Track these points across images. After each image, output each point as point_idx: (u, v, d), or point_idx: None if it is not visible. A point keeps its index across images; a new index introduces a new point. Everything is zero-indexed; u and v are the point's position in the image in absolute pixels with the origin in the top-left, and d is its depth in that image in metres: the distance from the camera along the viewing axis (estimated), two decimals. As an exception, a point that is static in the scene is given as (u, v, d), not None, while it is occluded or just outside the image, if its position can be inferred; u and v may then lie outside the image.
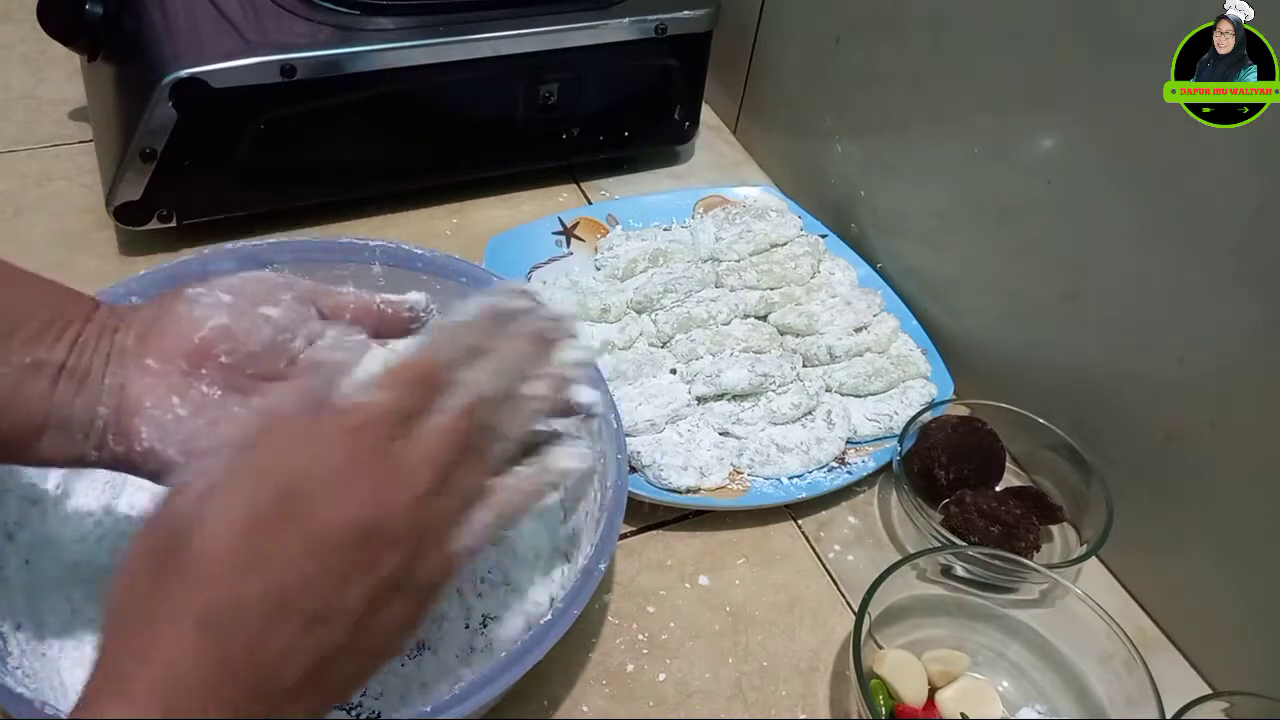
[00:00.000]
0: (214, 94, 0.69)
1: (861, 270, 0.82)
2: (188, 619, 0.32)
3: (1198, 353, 0.58)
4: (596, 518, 0.54)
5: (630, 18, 0.83)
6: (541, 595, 0.57)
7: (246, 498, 0.34)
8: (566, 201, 0.89)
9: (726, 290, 0.77)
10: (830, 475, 0.68)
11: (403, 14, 0.77)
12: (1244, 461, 0.56)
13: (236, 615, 0.32)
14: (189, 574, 0.33)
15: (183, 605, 0.32)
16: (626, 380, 0.69)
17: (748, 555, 0.65)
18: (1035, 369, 0.69)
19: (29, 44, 0.95)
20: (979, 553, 0.59)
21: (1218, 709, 0.56)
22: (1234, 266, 0.55)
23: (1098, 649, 0.56)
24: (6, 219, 0.79)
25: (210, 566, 0.33)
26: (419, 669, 0.53)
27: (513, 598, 0.57)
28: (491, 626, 0.55)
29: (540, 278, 0.78)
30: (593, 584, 0.49)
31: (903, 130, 0.78)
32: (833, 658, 0.60)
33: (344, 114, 0.76)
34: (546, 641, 0.47)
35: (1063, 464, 0.66)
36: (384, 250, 0.63)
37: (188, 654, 0.31)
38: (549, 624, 0.47)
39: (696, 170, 0.96)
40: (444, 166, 0.85)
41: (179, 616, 0.32)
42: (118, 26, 0.74)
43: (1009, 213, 0.69)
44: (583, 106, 0.85)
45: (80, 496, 0.57)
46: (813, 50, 0.86)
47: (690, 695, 0.57)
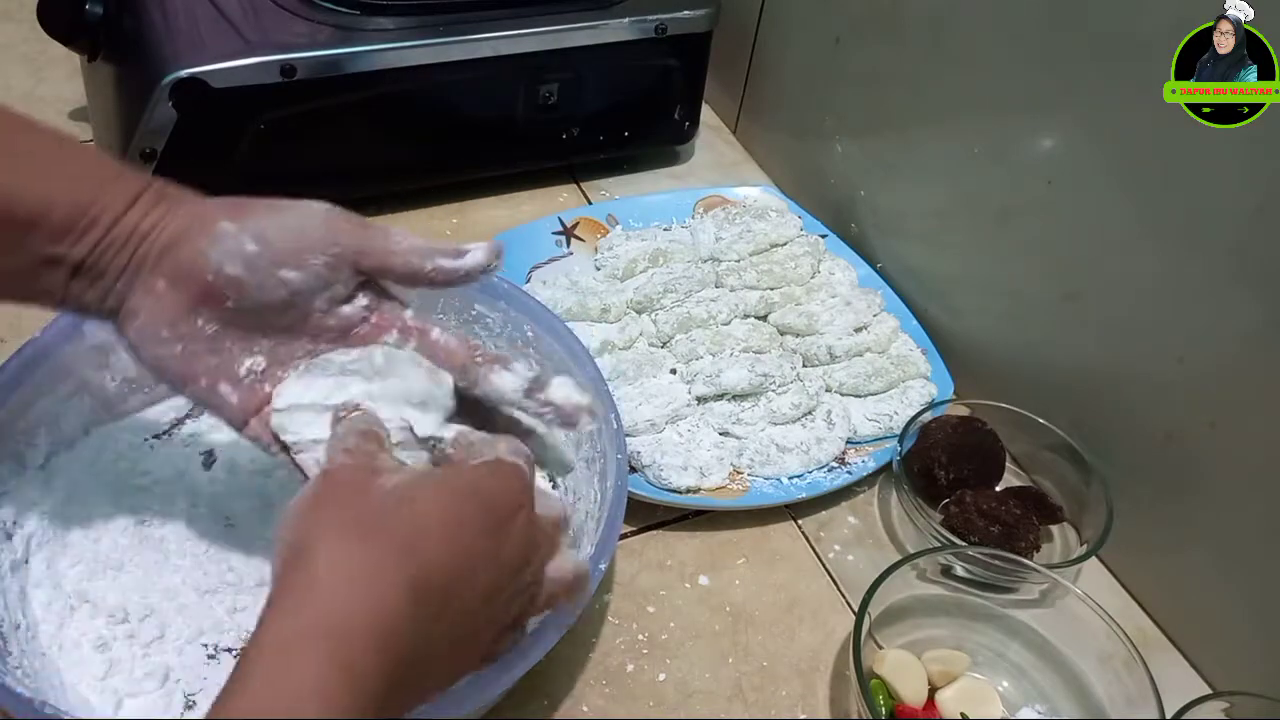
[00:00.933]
0: (214, 94, 0.69)
1: (861, 270, 0.82)
2: (403, 584, 0.35)
3: (1198, 353, 0.58)
4: (597, 517, 0.54)
5: (630, 18, 0.83)
6: None
7: (451, 498, 0.39)
8: (566, 201, 0.89)
9: (726, 290, 0.77)
10: (830, 475, 0.68)
11: (403, 14, 0.77)
12: (1244, 461, 0.56)
13: (440, 591, 0.36)
14: (402, 543, 0.36)
15: (397, 570, 0.35)
16: (626, 380, 0.69)
17: (748, 555, 0.65)
18: (1035, 369, 0.69)
19: (29, 44, 0.95)
20: (979, 553, 0.59)
21: (1218, 709, 0.56)
22: (1234, 266, 0.55)
23: (1098, 649, 0.56)
24: (6, 219, 0.79)
25: (427, 543, 0.37)
26: None
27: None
28: None
29: (540, 278, 0.78)
30: (593, 584, 0.49)
31: (903, 130, 0.78)
32: (833, 658, 0.60)
33: (344, 114, 0.76)
34: (546, 641, 0.47)
35: (1063, 464, 0.66)
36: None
37: (403, 612, 0.35)
38: (549, 624, 0.47)
39: (696, 170, 0.96)
40: (444, 166, 0.85)
41: (395, 581, 0.35)
42: (118, 26, 0.74)
43: (1009, 213, 0.69)
44: (583, 106, 0.85)
45: (79, 502, 0.57)
46: (813, 50, 0.86)
47: (690, 695, 0.57)
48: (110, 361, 0.59)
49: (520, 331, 0.63)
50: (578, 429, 0.47)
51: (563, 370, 0.61)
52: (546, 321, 0.63)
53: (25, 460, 0.55)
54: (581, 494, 0.59)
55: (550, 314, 0.64)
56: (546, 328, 0.63)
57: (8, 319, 0.68)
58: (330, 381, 0.45)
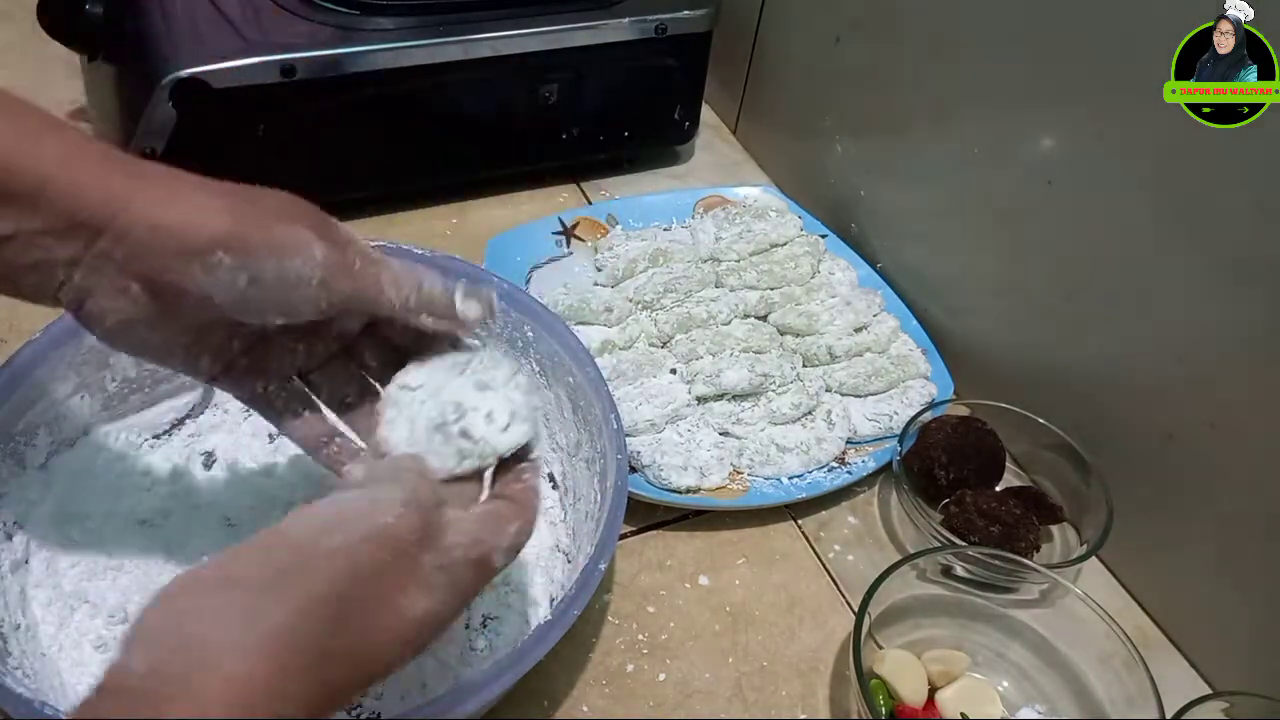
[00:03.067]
0: (214, 94, 0.69)
1: (861, 270, 0.82)
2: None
3: (1198, 353, 0.58)
4: (596, 518, 0.54)
5: (630, 18, 0.83)
6: (541, 595, 0.57)
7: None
8: (566, 201, 0.89)
9: (726, 290, 0.77)
10: (830, 475, 0.68)
11: (403, 14, 0.77)
12: (1244, 461, 0.56)
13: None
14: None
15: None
16: (626, 380, 0.69)
17: (748, 555, 0.65)
18: (1035, 369, 0.69)
19: (29, 44, 0.95)
20: (979, 553, 0.59)
21: (1218, 709, 0.56)
22: (1234, 266, 0.55)
23: (1098, 649, 0.56)
24: (6, 219, 0.79)
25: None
26: (419, 669, 0.53)
27: (513, 598, 0.57)
28: (492, 626, 0.55)
29: (540, 278, 0.78)
30: (593, 584, 0.49)
31: (903, 130, 0.78)
32: (833, 658, 0.60)
33: (344, 114, 0.76)
34: (546, 641, 0.47)
35: (1063, 464, 0.66)
36: (385, 252, 0.62)
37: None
38: (549, 624, 0.47)
39: (696, 170, 0.96)
40: (444, 166, 0.85)
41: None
42: (118, 26, 0.74)
43: (1009, 213, 0.69)
44: (583, 106, 0.85)
45: (79, 502, 0.57)
46: (813, 50, 0.86)
47: (690, 695, 0.57)
48: (110, 361, 0.59)
49: (520, 332, 0.63)
50: (473, 321, 0.46)
51: (562, 369, 0.61)
52: (546, 321, 0.63)
53: (25, 460, 0.55)
54: (582, 494, 0.59)
55: (550, 314, 0.63)
56: (546, 328, 0.63)
57: (8, 319, 0.68)
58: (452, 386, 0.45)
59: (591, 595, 0.49)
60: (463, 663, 0.54)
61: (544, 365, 0.63)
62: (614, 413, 0.58)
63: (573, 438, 0.62)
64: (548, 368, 0.63)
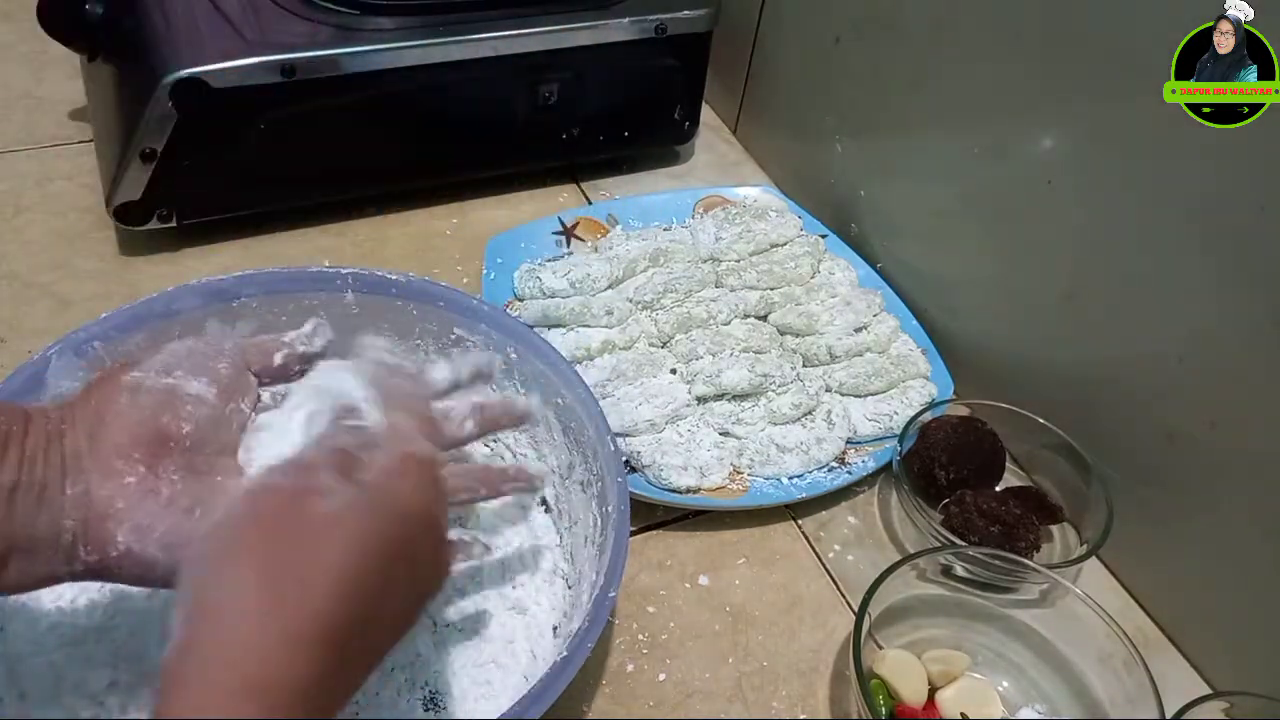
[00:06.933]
0: (214, 94, 0.69)
1: (861, 270, 0.82)
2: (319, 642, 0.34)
3: (1198, 353, 0.58)
4: (598, 542, 0.53)
5: (630, 18, 0.83)
6: (545, 616, 0.56)
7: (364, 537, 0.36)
8: (566, 201, 0.89)
9: (726, 290, 0.77)
10: (830, 475, 0.68)
11: (403, 14, 0.77)
12: (1244, 461, 0.56)
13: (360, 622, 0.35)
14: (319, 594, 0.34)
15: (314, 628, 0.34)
16: (626, 380, 0.69)
17: (748, 555, 0.65)
18: (1035, 369, 0.69)
19: (29, 44, 0.95)
20: (979, 553, 0.59)
21: (1218, 709, 0.56)
22: (1234, 266, 0.55)
23: (1098, 649, 0.56)
24: (6, 219, 0.79)
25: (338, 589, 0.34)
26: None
27: (516, 622, 0.56)
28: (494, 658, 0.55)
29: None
30: (603, 617, 0.47)
31: (903, 130, 0.78)
32: (833, 658, 0.60)
33: (344, 114, 0.76)
34: (565, 675, 0.45)
35: (1063, 464, 0.66)
36: (356, 277, 0.61)
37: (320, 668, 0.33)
38: (565, 660, 0.46)
39: (696, 170, 0.96)
40: (444, 166, 0.85)
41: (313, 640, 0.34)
42: (118, 26, 0.74)
43: (1009, 213, 0.69)
44: (583, 106, 0.85)
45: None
46: (813, 50, 0.86)
47: (690, 695, 0.57)
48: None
49: (502, 354, 0.60)
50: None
51: (550, 390, 0.60)
52: (530, 342, 0.61)
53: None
54: (578, 518, 0.58)
55: (533, 333, 0.61)
56: (530, 348, 0.61)
57: (8, 319, 0.68)
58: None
59: (603, 627, 0.47)
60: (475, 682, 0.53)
61: (530, 387, 0.61)
62: (609, 434, 0.56)
63: (564, 459, 0.60)
64: (534, 389, 0.61)
